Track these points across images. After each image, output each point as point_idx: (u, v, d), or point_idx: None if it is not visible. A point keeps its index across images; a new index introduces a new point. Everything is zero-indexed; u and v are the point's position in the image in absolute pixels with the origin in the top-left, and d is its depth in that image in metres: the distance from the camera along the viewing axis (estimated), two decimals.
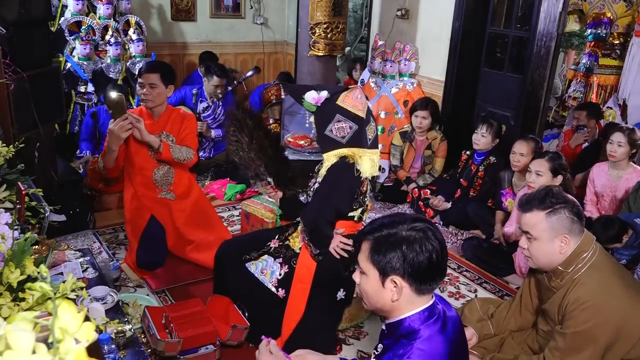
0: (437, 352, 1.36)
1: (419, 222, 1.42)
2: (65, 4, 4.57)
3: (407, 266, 1.36)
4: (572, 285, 1.89)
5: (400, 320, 1.42)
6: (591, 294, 1.83)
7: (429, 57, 4.86)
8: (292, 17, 6.39)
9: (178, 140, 3.05)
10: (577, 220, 1.90)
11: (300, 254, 2.41)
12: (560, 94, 5.92)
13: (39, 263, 1.30)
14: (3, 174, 1.88)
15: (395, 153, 4.48)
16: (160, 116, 3.04)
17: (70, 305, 0.77)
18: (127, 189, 3.09)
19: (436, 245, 1.37)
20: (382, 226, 1.42)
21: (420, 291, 1.39)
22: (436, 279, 1.41)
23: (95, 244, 3.24)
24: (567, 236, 1.89)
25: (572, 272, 1.91)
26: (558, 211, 1.89)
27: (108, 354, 1.66)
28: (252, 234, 2.75)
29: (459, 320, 1.51)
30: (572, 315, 1.85)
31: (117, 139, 2.76)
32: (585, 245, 1.91)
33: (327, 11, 4.05)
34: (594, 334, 1.82)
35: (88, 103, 4.57)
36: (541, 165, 2.99)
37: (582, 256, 1.90)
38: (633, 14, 5.07)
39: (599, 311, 1.81)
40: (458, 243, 3.73)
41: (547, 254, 1.94)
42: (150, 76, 2.90)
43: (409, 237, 1.37)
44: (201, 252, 3.10)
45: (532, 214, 1.93)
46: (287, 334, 2.33)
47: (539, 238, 1.93)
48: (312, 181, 2.48)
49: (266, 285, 2.42)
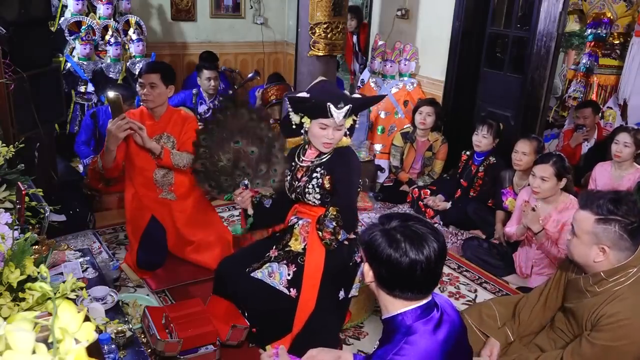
0: (428, 350, 1.37)
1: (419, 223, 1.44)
2: (65, 4, 4.56)
3: (377, 265, 1.43)
4: (611, 297, 1.83)
5: (393, 316, 1.45)
6: (631, 312, 1.78)
7: (429, 57, 4.86)
8: (292, 17, 6.39)
9: (179, 142, 3.05)
10: (628, 238, 1.81)
11: (307, 250, 2.39)
12: (560, 94, 5.91)
13: (39, 263, 1.30)
14: (3, 174, 1.88)
15: (396, 154, 4.48)
16: (161, 117, 3.04)
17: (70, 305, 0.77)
18: (128, 189, 3.09)
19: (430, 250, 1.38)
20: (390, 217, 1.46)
21: (393, 295, 1.44)
22: (405, 289, 1.42)
23: (95, 244, 3.23)
24: (607, 249, 1.83)
25: (613, 283, 1.85)
26: (609, 222, 1.82)
27: (108, 354, 1.66)
28: (249, 248, 2.69)
29: (460, 324, 1.51)
30: (607, 329, 1.80)
31: (115, 139, 2.76)
32: (634, 262, 1.84)
33: (327, 11, 4.05)
34: (624, 352, 1.78)
35: (88, 103, 4.56)
36: (546, 170, 2.97)
37: (628, 270, 1.84)
38: (633, 14, 5.07)
39: (635, 331, 1.77)
40: (458, 243, 3.73)
41: (582, 256, 1.91)
42: (150, 76, 2.91)
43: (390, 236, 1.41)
44: (202, 252, 3.10)
45: (584, 213, 1.88)
46: (296, 331, 2.33)
47: (579, 237, 1.89)
48: (304, 179, 2.43)
49: (277, 287, 2.38)
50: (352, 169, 2.39)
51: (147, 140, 2.86)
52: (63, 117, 3.74)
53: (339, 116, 2.26)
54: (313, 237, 2.39)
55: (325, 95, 2.30)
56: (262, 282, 2.40)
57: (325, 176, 2.38)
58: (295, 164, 2.50)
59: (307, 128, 2.35)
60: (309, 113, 2.32)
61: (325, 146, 2.35)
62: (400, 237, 1.37)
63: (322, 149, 2.37)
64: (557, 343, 2.03)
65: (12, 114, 2.68)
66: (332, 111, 2.24)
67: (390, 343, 1.41)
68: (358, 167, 2.44)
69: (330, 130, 2.30)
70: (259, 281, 2.40)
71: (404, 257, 1.35)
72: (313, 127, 2.32)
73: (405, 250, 1.35)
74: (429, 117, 4.26)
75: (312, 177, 2.40)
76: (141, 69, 3.04)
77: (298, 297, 2.35)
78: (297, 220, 2.50)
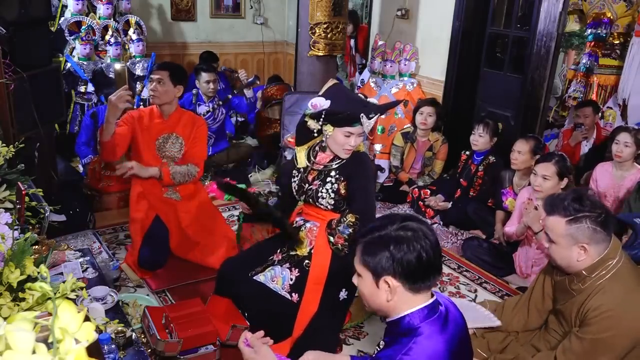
0: (437, 351, 1.37)
1: (411, 221, 1.44)
2: (65, 4, 4.57)
3: (397, 265, 1.38)
4: (594, 291, 1.87)
5: (399, 318, 1.44)
6: (614, 303, 1.81)
7: (429, 57, 4.86)
8: (292, 17, 6.39)
9: (188, 144, 3.08)
10: (601, 229, 1.85)
11: (313, 254, 2.38)
12: (560, 94, 5.91)
13: (39, 263, 1.30)
14: (3, 174, 1.88)
15: (396, 154, 4.47)
16: (169, 116, 3.07)
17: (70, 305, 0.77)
18: (134, 187, 3.11)
19: (426, 245, 1.39)
20: (372, 229, 1.46)
21: (415, 289, 1.41)
22: (430, 277, 1.42)
23: (95, 244, 3.24)
24: (587, 246, 1.86)
25: (595, 277, 1.88)
26: (580, 220, 1.85)
27: (108, 354, 1.66)
28: (252, 249, 2.66)
29: (463, 320, 1.51)
30: (592, 322, 1.84)
31: (114, 109, 2.76)
32: (611, 253, 1.88)
33: (327, 11, 4.05)
34: (612, 343, 1.81)
35: (88, 103, 4.56)
36: (547, 168, 2.97)
37: (607, 263, 1.87)
38: (633, 14, 5.06)
39: (620, 321, 1.80)
40: (458, 243, 3.73)
41: (564, 259, 1.93)
42: (159, 72, 2.99)
43: (398, 237, 1.40)
44: (206, 253, 3.10)
45: (554, 219, 1.91)
46: (297, 334, 2.33)
47: (557, 243, 1.92)
48: (316, 183, 2.41)
49: (278, 292, 2.37)
50: (369, 175, 2.42)
51: (143, 170, 2.95)
52: (63, 117, 3.74)
53: (369, 125, 2.29)
54: (320, 241, 2.38)
55: (357, 105, 2.33)
56: (263, 286, 2.39)
57: (342, 182, 2.37)
58: (306, 167, 2.47)
59: (329, 135, 2.33)
60: (337, 122, 2.30)
61: (347, 152, 2.36)
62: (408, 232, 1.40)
63: (343, 155, 2.37)
64: (552, 344, 2.07)
65: (12, 114, 2.68)
66: (364, 121, 2.26)
67: (398, 344, 1.40)
68: (373, 171, 2.46)
69: (353, 137, 2.31)
70: (260, 284, 2.39)
71: (426, 241, 1.39)
72: (336, 134, 2.31)
73: (424, 237, 1.40)
74: (430, 117, 4.26)
75: (326, 182, 2.39)
76: (154, 65, 3.15)
77: (299, 301, 2.34)
78: (303, 222, 2.49)
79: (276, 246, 2.51)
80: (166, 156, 3.07)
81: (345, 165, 2.39)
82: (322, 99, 2.30)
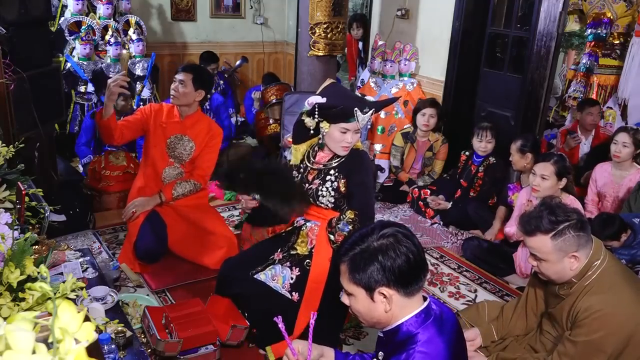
0: (438, 354, 1.37)
1: (386, 227, 1.44)
2: (65, 4, 4.57)
3: (389, 274, 1.38)
4: (582, 292, 1.87)
5: (397, 326, 1.43)
6: (603, 303, 1.81)
7: (429, 57, 4.86)
8: (292, 17, 6.39)
9: (198, 149, 3.08)
10: (583, 233, 1.86)
11: (314, 254, 2.38)
12: (560, 94, 5.91)
13: (39, 263, 1.30)
14: (3, 174, 1.88)
15: (396, 154, 4.47)
16: (186, 117, 3.08)
17: (70, 305, 0.77)
18: (138, 180, 3.17)
19: (409, 245, 1.40)
20: (353, 244, 1.45)
21: (409, 293, 1.41)
22: (421, 277, 1.42)
23: (95, 244, 3.24)
24: (576, 254, 1.86)
25: (582, 279, 1.89)
26: (563, 232, 1.84)
27: (108, 354, 1.66)
28: (252, 249, 2.66)
29: (457, 320, 1.52)
30: (583, 324, 1.84)
31: (109, 92, 2.78)
32: (596, 254, 1.89)
33: (327, 11, 4.05)
34: (603, 343, 1.81)
35: (88, 103, 4.57)
36: (546, 168, 2.97)
37: (593, 264, 1.88)
38: (633, 14, 5.06)
39: (610, 321, 1.80)
40: (458, 243, 3.73)
41: (557, 273, 1.92)
42: (183, 74, 3.00)
43: (382, 246, 1.40)
44: (204, 253, 3.10)
45: (537, 239, 1.89)
46: (297, 334, 2.33)
47: (547, 260, 1.90)
48: (316, 182, 2.41)
49: (279, 291, 2.38)
50: (368, 172, 2.42)
51: (146, 203, 3.01)
52: (63, 117, 3.74)
53: (364, 120, 2.29)
54: (321, 240, 2.38)
55: (351, 100, 2.33)
56: (264, 285, 2.39)
57: (341, 179, 2.37)
58: (306, 166, 2.47)
59: (326, 132, 2.33)
60: (332, 118, 2.31)
61: (344, 149, 2.36)
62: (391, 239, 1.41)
63: (341, 152, 2.37)
64: (547, 346, 2.07)
65: (12, 114, 2.68)
66: (358, 116, 2.26)
67: (402, 352, 1.39)
68: (372, 169, 2.47)
69: (350, 134, 2.31)
70: (261, 283, 2.39)
71: (408, 242, 1.41)
72: (333, 131, 2.31)
73: (407, 242, 1.41)
74: (432, 118, 4.26)
75: (326, 180, 2.39)
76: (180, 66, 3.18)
77: (300, 301, 2.35)
78: (304, 222, 2.49)
79: (277, 245, 2.51)
80: (175, 156, 3.09)
81: (345, 163, 2.39)
82: (317, 97, 2.32)
